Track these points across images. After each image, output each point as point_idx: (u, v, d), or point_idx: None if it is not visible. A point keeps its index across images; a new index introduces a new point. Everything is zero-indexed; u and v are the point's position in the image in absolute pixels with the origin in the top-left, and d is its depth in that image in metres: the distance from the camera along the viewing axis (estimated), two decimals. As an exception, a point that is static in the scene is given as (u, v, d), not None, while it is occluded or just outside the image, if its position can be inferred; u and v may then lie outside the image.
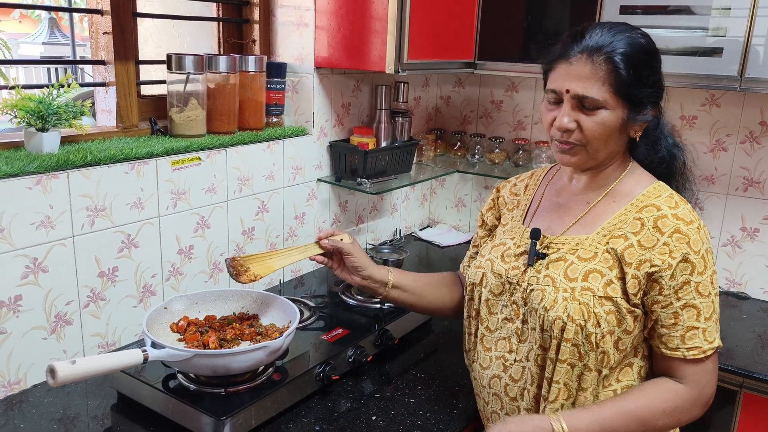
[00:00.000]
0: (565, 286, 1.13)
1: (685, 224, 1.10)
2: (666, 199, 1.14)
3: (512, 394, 1.23)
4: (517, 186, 1.39)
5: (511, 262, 1.24)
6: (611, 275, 1.12)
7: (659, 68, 1.14)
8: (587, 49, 1.10)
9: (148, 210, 1.64)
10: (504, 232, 1.33)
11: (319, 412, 1.43)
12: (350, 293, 1.88)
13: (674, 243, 1.09)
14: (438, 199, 2.84)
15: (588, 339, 1.11)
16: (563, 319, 1.11)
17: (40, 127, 1.46)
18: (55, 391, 1.46)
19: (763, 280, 2.16)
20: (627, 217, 1.15)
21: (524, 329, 1.20)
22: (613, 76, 1.08)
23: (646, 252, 1.10)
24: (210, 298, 1.57)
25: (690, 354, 1.11)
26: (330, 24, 2.00)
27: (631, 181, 1.19)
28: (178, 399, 1.32)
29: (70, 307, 1.51)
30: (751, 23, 1.77)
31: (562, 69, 1.12)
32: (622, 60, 1.08)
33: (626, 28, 1.13)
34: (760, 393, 1.71)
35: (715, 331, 1.12)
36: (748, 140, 2.11)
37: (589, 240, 1.16)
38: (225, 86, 1.84)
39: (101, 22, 1.69)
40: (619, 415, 1.11)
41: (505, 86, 2.59)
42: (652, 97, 1.13)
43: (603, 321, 1.11)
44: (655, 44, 1.15)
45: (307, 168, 2.12)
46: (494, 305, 1.26)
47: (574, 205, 1.23)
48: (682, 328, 1.10)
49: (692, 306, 1.10)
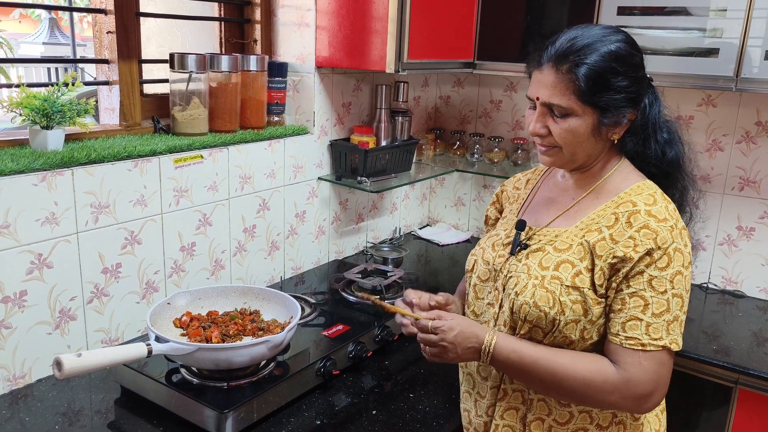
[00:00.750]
0: (537, 274, 1.17)
1: (657, 221, 1.11)
2: (645, 197, 1.15)
3: (484, 374, 1.27)
4: (520, 180, 1.43)
5: (499, 251, 1.28)
6: (581, 266, 1.15)
7: (633, 72, 1.14)
8: (552, 59, 1.14)
9: (151, 207, 1.66)
10: (501, 223, 1.38)
11: (320, 407, 1.44)
12: (350, 290, 1.90)
13: (640, 237, 1.10)
14: (437, 198, 2.86)
15: (552, 324, 1.15)
16: (529, 304, 1.15)
17: (44, 124, 1.48)
18: (59, 385, 1.48)
19: (758, 278, 2.18)
20: (606, 212, 1.17)
21: (500, 313, 1.23)
22: (575, 85, 1.11)
23: (615, 245, 1.12)
24: (212, 294, 1.59)
25: (627, 343, 1.10)
26: (331, 24, 2.02)
27: (618, 179, 1.21)
28: (181, 392, 1.34)
29: (74, 303, 1.53)
30: (746, 24, 1.79)
31: (535, 77, 1.17)
32: (585, 69, 1.10)
33: (602, 33, 1.14)
34: (756, 389, 1.73)
35: (663, 330, 1.09)
36: (744, 140, 2.13)
37: (567, 233, 1.20)
38: (227, 85, 1.86)
39: (105, 21, 1.71)
40: (540, 359, 1.13)
41: (504, 86, 2.61)
42: (624, 101, 1.14)
43: (568, 309, 1.13)
44: (634, 48, 1.15)
45: (308, 166, 2.14)
46: (481, 290, 1.30)
47: (562, 200, 1.27)
48: (625, 316, 1.11)
49: (640, 297, 1.10)
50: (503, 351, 1.15)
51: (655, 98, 1.20)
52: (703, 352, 1.79)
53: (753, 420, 1.76)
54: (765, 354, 1.80)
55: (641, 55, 1.17)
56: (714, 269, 2.25)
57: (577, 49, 1.12)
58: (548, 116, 1.16)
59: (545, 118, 1.16)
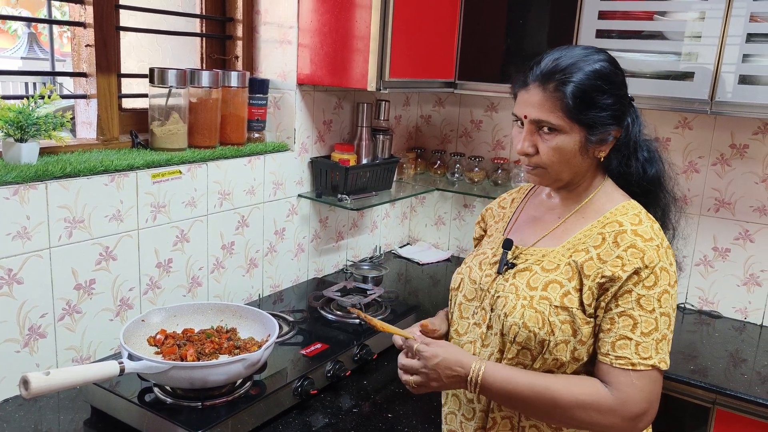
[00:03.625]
0: (526, 294, 1.17)
1: (643, 240, 1.12)
2: (631, 217, 1.17)
3: (469, 396, 1.25)
4: (505, 200, 1.43)
5: (486, 270, 1.27)
6: (569, 286, 1.15)
7: (617, 91, 1.16)
8: (538, 78, 1.15)
9: (127, 222, 1.63)
10: (487, 242, 1.37)
11: (297, 427, 1.42)
12: (329, 308, 1.88)
13: (628, 257, 1.11)
14: (418, 216, 2.86)
15: (541, 345, 1.14)
16: (518, 325, 1.14)
17: (18, 137, 1.45)
18: (26, 405, 1.43)
19: (734, 298, 2.21)
20: (592, 232, 1.18)
21: (488, 334, 1.22)
22: (562, 103, 1.13)
23: (603, 265, 1.13)
24: (188, 312, 1.56)
25: (617, 363, 1.10)
26: (313, 42, 2.02)
27: (603, 199, 1.22)
28: (154, 413, 1.30)
29: (44, 320, 1.49)
30: (720, 50, 1.83)
31: (522, 96, 1.19)
32: (572, 87, 1.12)
33: (584, 53, 1.16)
34: (733, 410, 1.74)
35: (652, 349, 1.09)
36: (719, 162, 2.17)
37: (554, 252, 1.20)
38: (207, 101, 1.84)
39: (84, 34, 1.69)
40: (534, 386, 1.11)
41: (485, 106, 2.63)
42: (609, 118, 1.15)
43: (557, 330, 1.13)
44: (616, 67, 1.18)
45: (288, 183, 2.13)
46: (465, 309, 1.28)
47: (548, 220, 1.27)
48: (615, 335, 1.11)
49: (629, 316, 1.10)
50: (495, 381, 1.13)
51: (635, 117, 1.23)
52: (681, 373, 1.80)
53: (731, 440, 1.76)
54: (741, 374, 1.81)
55: (623, 74, 1.19)
56: (691, 289, 2.27)
57: (562, 69, 1.13)
58: (536, 135, 1.17)
59: (533, 137, 1.17)
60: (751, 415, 1.71)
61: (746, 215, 2.15)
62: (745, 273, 2.17)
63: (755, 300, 2.17)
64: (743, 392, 1.71)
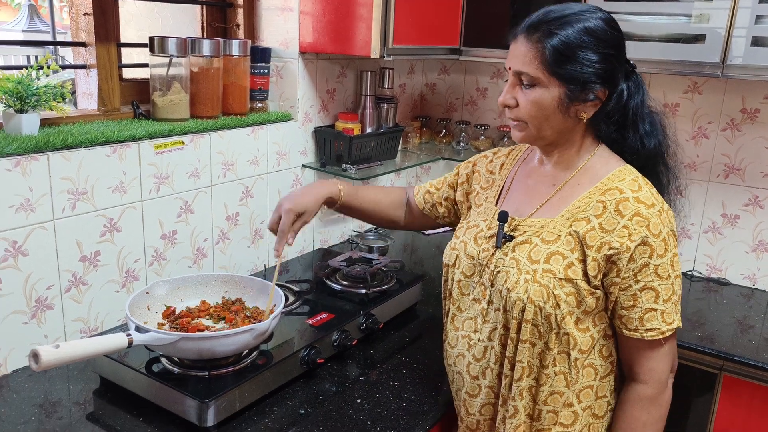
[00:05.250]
0: (528, 268, 1.15)
1: (646, 207, 1.10)
2: (630, 183, 1.14)
3: (474, 373, 1.25)
4: (493, 163, 1.39)
5: (482, 244, 1.25)
6: (572, 257, 1.13)
7: (604, 49, 1.11)
8: (525, 30, 1.14)
9: (131, 194, 1.62)
10: (478, 213, 1.34)
11: (304, 396, 1.42)
12: (335, 278, 1.88)
13: (634, 226, 1.09)
14: (423, 186, 2.84)
15: (547, 319, 1.13)
16: (523, 300, 1.13)
17: (19, 108, 1.44)
18: (36, 376, 1.44)
19: (742, 265, 2.19)
20: (591, 199, 1.15)
21: (489, 310, 1.21)
22: (542, 54, 1.11)
23: (607, 235, 1.11)
24: (193, 283, 1.56)
25: (648, 335, 1.12)
26: (315, 9, 1.98)
27: (598, 164, 1.19)
28: (162, 382, 1.31)
29: (51, 292, 1.49)
30: (733, 11, 1.78)
31: (511, 48, 1.18)
32: (555, 40, 1.10)
33: (581, 9, 1.13)
34: (740, 375, 1.74)
35: (674, 313, 1.13)
36: (729, 127, 2.13)
37: (553, 223, 1.17)
38: (209, 70, 1.82)
39: (82, 2, 1.66)
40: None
41: (491, 73, 2.59)
42: (592, 76, 1.11)
43: (563, 302, 1.12)
44: (613, 27, 1.13)
45: (292, 154, 2.11)
46: (466, 286, 1.27)
47: (542, 188, 1.24)
48: (641, 310, 1.12)
49: (651, 288, 1.11)
50: None
51: (637, 87, 1.18)
52: (688, 339, 1.80)
53: (737, 406, 1.76)
54: (749, 341, 1.81)
55: (619, 36, 1.15)
56: (699, 257, 2.26)
57: (549, 20, 1.12)
58: (518, 87, 1.16)
59: (515, 90, 1.17)
60: (758, 380, 1.71)
61: (756, 181, 2.12)
62: (755, 239, 2.15)
63: (764, 266, 2.16)
64: (750, 358, 1.71)
